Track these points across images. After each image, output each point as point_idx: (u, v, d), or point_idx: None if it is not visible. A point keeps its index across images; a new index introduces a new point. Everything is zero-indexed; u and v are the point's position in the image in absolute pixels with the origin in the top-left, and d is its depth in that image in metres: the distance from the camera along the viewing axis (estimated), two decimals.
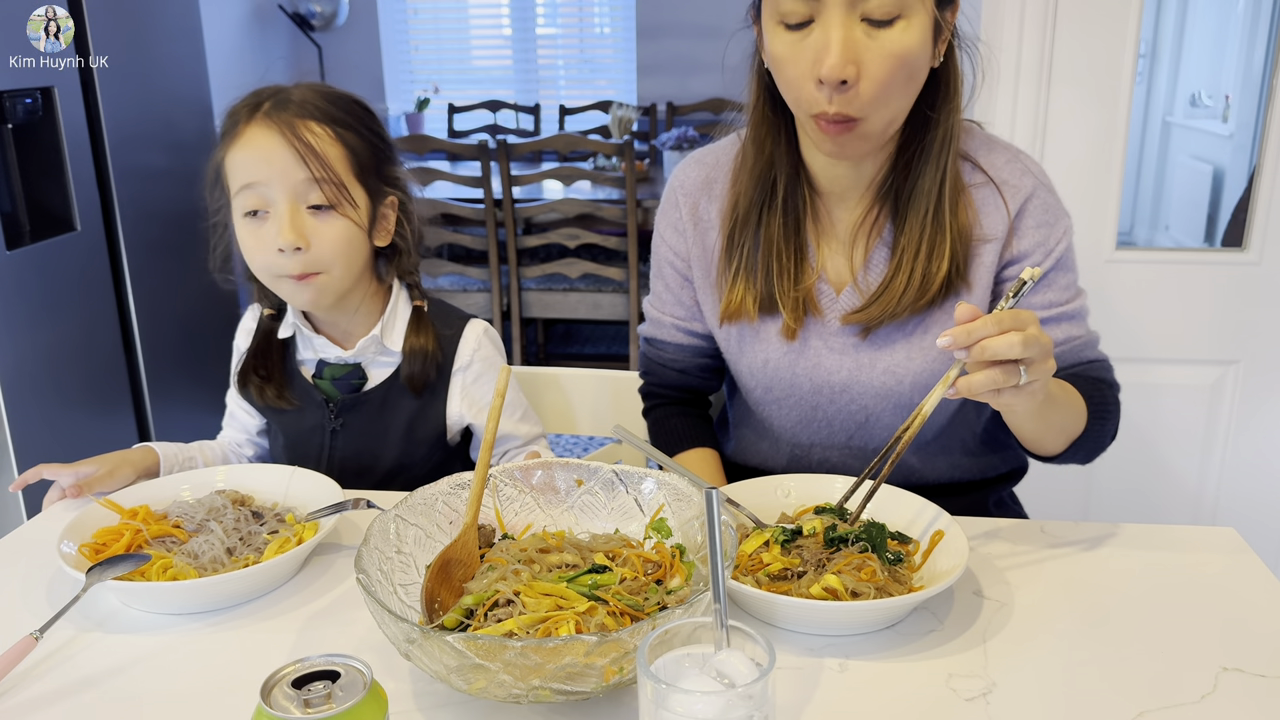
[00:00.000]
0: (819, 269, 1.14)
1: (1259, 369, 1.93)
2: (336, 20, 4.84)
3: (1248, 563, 0.98)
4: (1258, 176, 1.85)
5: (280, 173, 1.12)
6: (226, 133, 1.16)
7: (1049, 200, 1.12)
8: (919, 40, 0.96)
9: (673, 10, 4.75)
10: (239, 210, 1.15)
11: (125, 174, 2.50)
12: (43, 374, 2.29)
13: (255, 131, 1.13)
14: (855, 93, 0.96)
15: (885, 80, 0.96)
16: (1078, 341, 1.12)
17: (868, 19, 0.95)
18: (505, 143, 3.35)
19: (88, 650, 0.87)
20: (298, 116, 1.14)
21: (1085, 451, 1.09)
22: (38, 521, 1.12)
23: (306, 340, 1.26)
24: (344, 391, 1.24)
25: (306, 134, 1.13)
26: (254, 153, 1.12)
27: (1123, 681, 0.80)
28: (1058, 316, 1.11)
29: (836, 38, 0.94)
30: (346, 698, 0.61)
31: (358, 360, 1.24)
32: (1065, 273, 1.12)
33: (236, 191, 1.14)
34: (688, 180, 1.22)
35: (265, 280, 1.18)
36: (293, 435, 1.27)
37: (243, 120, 1.14)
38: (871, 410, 1.15)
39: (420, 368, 1.23)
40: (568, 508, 0.97)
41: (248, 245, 1.16)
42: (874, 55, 0.95)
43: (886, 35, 0.95)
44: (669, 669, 0.66)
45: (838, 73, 0.94)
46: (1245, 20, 2.14)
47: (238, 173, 1.13)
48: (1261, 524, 2.00)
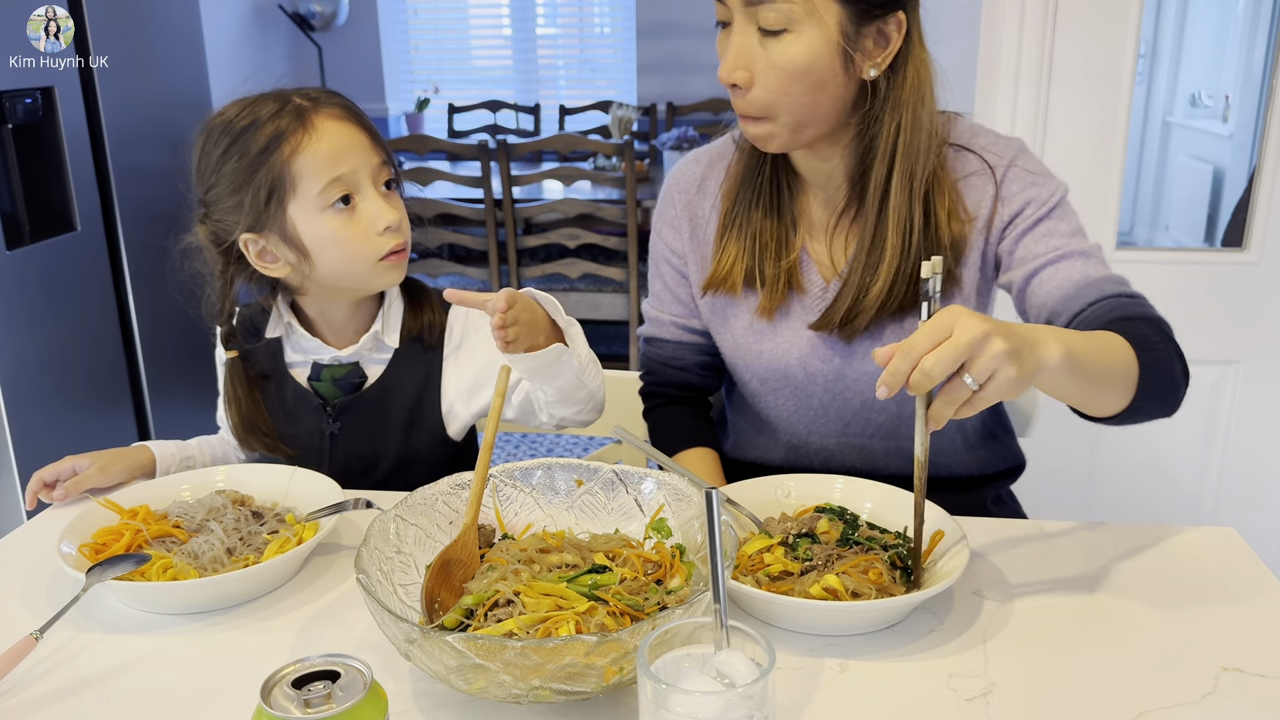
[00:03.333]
0: (798, 249, 1.16)
1: (1259, 369, 1.93)
2: (336, 20, 4.84)
3: (1248, 563, 0.98)
4: (1258, 176, 1.85)
5: (363, 158, 1.12)
6: (276, 141, 1.10)
7: (1032, 165, 1.12)
8: (808, 53, 1.00)
9: (673, 10, 4.75)
10: (323, 204, 1.11)
11: (125, 174, 2.50)
12: (43, 374, 2.29)
13: (325, 125, 1.11)
14: (750, 96, 1.03)
15: (774, 88, 1.02)
16: (1097, 277, 1.04)
17: (761, 28, 1.00)
18: (505, 143, 3.35)
19: (88, 650, 0.87)
20: (341, 104, 1.14)
21: (1155, 395, 0.95)
22: (38, 521, 1.12)
23: (296, 344, 1.23)
24: (345, 391, 1.23)
25: (363, 119, 1.15)
26: (334, 143, 1.10)
27: (1123, 681, 0.80)
28: (1066, 254, 1.06)
29: (732, 44, 1.02)
30: (346, 698, 0.61)
31: (356, 359, 1.22)
32: (1064, 220, 1.09)
33: (323, 188, 1.10)
34: (683, 178, 1.24)
35: (357, 270, 1.14)
36: (289, 440, 1.24)
37: (295, 122, 1.10)
38: (865, 396, 1.16)
39: (429, 326, 1.22)
40: (568, 508, 0.97)
41: (342, 237, 1.12)
42: (764, 64, 1.02)
43: (775, 45, 1.00)
44: (669, 669, 0.66)
45: (726, 76, 1.03)
46: (1245, 20, 2.14)
47: (319, 170, 1.10)
48: (1261, 524, 2.00)
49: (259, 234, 1.13)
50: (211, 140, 1.13)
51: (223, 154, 1.12)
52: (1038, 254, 1.07)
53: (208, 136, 1.14)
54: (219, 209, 1.15)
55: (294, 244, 1.13)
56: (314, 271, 1.15)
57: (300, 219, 1.12)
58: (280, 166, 1.10)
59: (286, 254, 1.14)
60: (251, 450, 1.24)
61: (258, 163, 1.10)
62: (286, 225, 1.12)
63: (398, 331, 1.23)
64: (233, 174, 1.12)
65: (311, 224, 1.12)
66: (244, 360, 1.23)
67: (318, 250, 1.13)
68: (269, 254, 1.15)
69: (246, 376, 1.23)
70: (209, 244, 1.19)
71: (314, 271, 1.15)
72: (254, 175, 1.10)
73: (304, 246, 1.13)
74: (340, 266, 1.14)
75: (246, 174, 1.11)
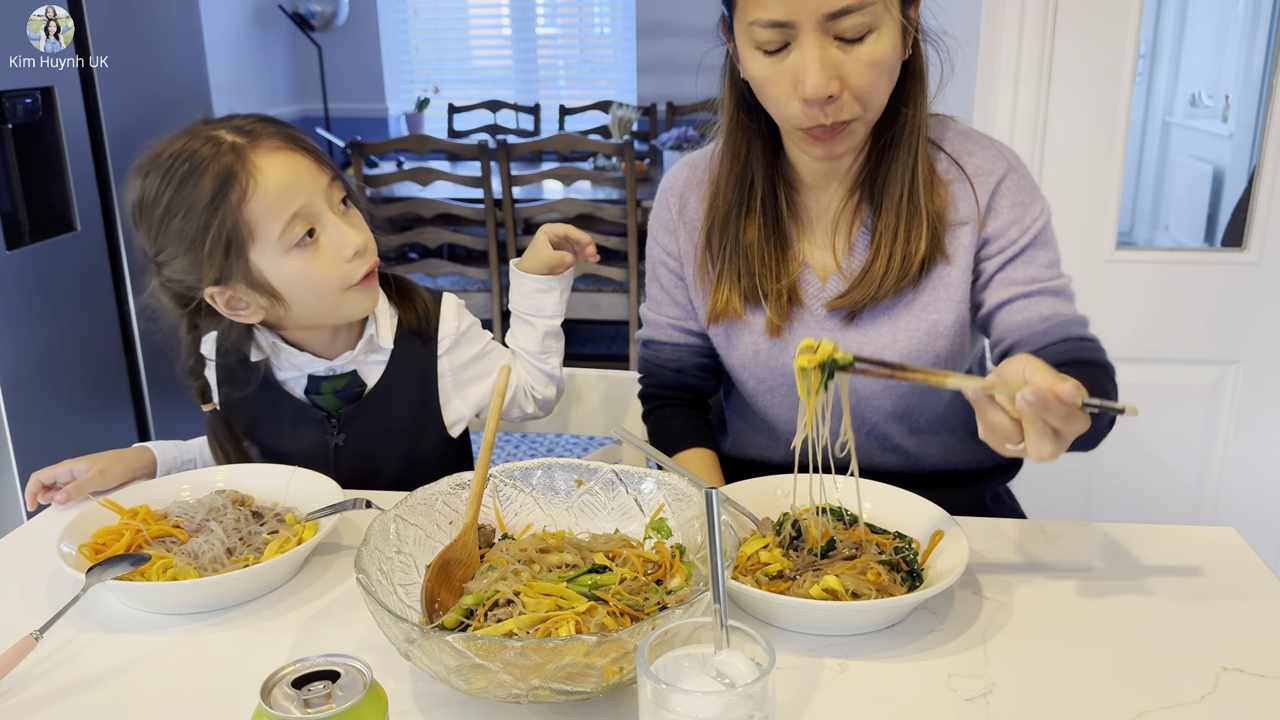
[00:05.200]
0: (801, 260, 1.17)
1: (1259, 369, 1.93)
2: (336, 20, 4.84)
3: (1248, 563, 0.98)
4: (1258, 176, 1.85)
5: (314, 184, 1.07)
6: (223, 191, 1.03)
7: (1022, 182, 1.14)
8: (891, 47, 1.01)
9: (673, 10, 4.75)
10: (287, 244, 1.06)
11: (125, 174, 2.49)
12: (43, 374, 2.29)
13: (267, 161, 1.05)
14: (842, 102, 1.01)
15: (867, 88, 1.01)
16: (1064, 317, 1.09)
17: (840, 37, 0.99)
18: (505, 143, 3.35)
19: (88, 650, 0.87)
20: (279, 134, 1.08)
21: (1084, 440, 1.02)
22: (38, 521, 1.12)
23: (285, 361, 1.18)
24: (346, 401, 1.20)
25: (304, 142, 1.10)
26: (282, 178, 1.05)
27: (1123, 681, 0.80)
28: (1040, 291, 1.10)
29: (814, 58, 0.98)
30: (346, 698, 0.61)
31: (354, 366, 1.20)
32: (1045, 250, 1.12)
33: (283, 229, 1.05)
34: (676, 182, 1.26)
35: (330, 301, 1.11)
36: (293, 459, 1.17)
37: (237, 164, 1.04)
38: (863, 393, 1.17)
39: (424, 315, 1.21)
40: (568, 508, 0.97)
41: (311, 273, 1.08)
42: (853, 68, 1.00)
43: (861, 49, 0.99)
44: (669, 669, 0.66)
45: (822, 91, 0.99)
46: (1245, 20, 2.13)
47: (274, 211, 1.05)
48: (1261, 524, 2.00)
49: (224, 286, 1.09)
50: (150, 195, 1.06)
51: (164, 211, 1.05)
52: (1014, 281, 1.10)
53: (144, 191, 1.07)
54: (174, 268, 1.09)
55: (263, 289, 1.09)
56: (289, 313, 1.12)
57: (265, 264, 1.07)
58: (233, 217, 1.04)
59: (257, 300, 1.10)
60: None
61: (208, 217, 1.04)
62: (251, 272, 1.07)
63: (391, 332, 1.20)
64: (180, 232, 1.05)
65: (278, 266, 1.07)
66: (225, 411, 1.20)
67: (289, 291, 1.09)
68: (238, 301, 1.11)
69: (230, 428, 1.20)
70: (172, 304, 1.15)
71: (289, 313, 1.12)
72: (206, 231, 1.04)
73: (274, 290, 1.09)
74: (315, 303, 1.11)
75: (198, 230, 1.05)
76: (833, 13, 0.96)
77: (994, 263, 1.12)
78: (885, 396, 1.16)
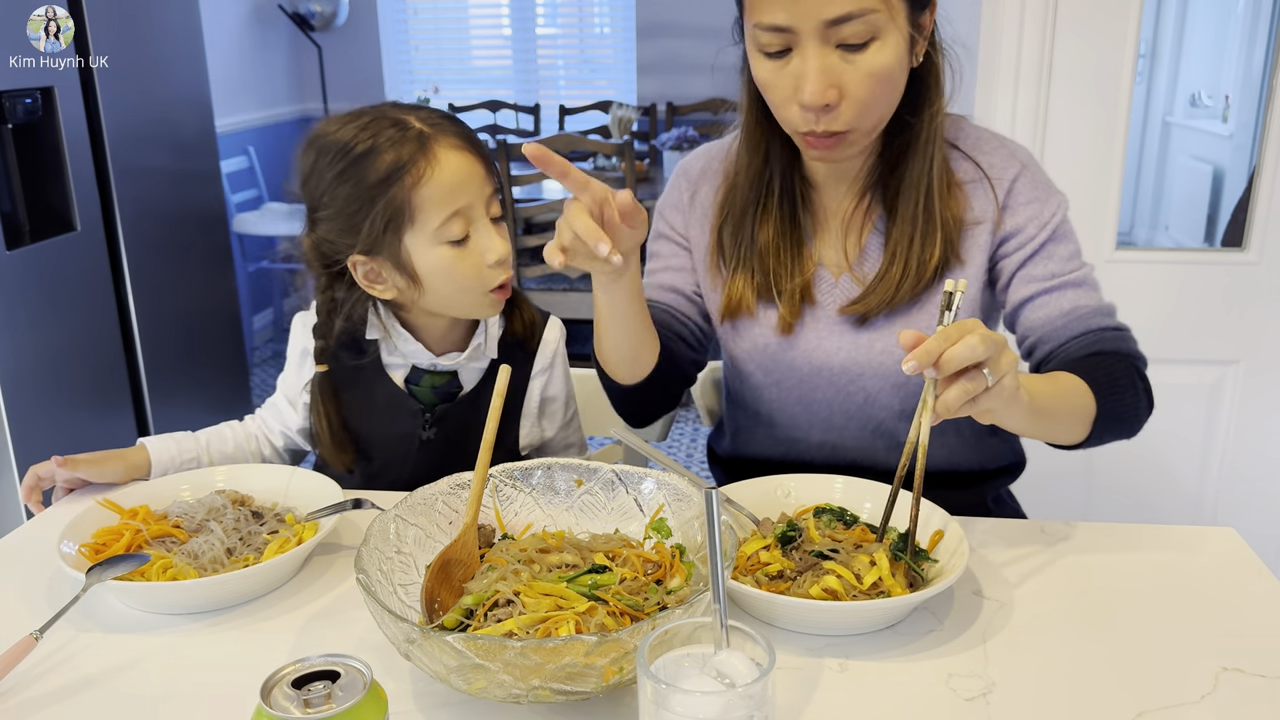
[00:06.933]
0: (816, 260, 1.17)
1: (1259, 369, 1.93)
2: (336, 20, 4.84)
3: (1248, 563, 0.98)
4: (1258, 176, 1.85)
5: (479, 190, 1.11)
6: (398, 172, 1.07)
7: (1038, 177, 1.14)
8: (894, 56, 1.00)
9: (673, 10, 4.75)
10: (441, 237, 1.09)
11: (125, 174, 2.50)
12: (43, 374, 2.29)
13: (446, 156, 1.09)
14: (838, 112, 1.01)
15: (866, 98, 1.00)
16: (1085, 309, 1.10)
17: (842, 45, 0.98)
18: (505, 143, 3.34)
19: (88, 650, 0.87)
20: (461, 134, 1.12)
21: (1112, 430, 1.05)
22: (38, 521, 1.12)
23: (395, 345, 1.21)
24: (441, 399, 1.22)
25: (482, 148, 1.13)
26: (455, 175, 1.09)
27: (1123, 681, 0.80)
28: (1060, 285, 1.11)
29: (814, 66, 0.98)
30: (346, 698, 0.61)
31: (455, 368, 1.22)
32: (1064, 243, 1.13)
33: (443, 222, 1.09)
34: (693, 168, 1.26)
35: (465, 300, 1.15)
36: (375, 443, 1.22)
37: (418, 151, 1.08)
38: (870, 391, 1.16)
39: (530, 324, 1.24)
40: (568, 508, 0.97)
41: (455, 269, 1.11)
42: (853, 77, 0.99)
43: (862, 58, 0.98)
44: (669, 669, 0.66)
45: (819, 99, 0.99)
46: (1245, 20, 2.13)
47: (440, 203, 1.08)
48: (1261, 524, 2.00)
49: (370, 257, 1.12)
50: (325, 160, 1.10)
51: (338, 176, 1.09)
52: (1035, 278, 1.11)
53: (319, 153, 1.11)
54: (328, 227, 1.13)
55: (406, 271, 1.12)
56: (422, 297, 1.14)
57: (415, 248, 1.11)
58: (402, 198, 1.08)
59: (397, 279, 1.13)
60: (331, 465, 1.23)
61: (377, 191, 1.08)
62: (400, 252, 1.11)
63: (496, 342, 1.23)
64: (347, 198, 1.10)
65: (426, 254, 1.11)
66: (333, 374, 1.22)
67: (429, 278, 1.12)
68: (377, 275, 1.14)
69: (335, 390, 1.22)
70: (313, 258, 1.17)
71: (422, 297, 1.14)
72: (372, 203, 1.08)
73: (416, 274, 1.12)
74: (449, 295, 1.14)
75: (364, 201, 1.09)
76: (833, 19, 0.96)
77: (1013, 260, 1.12)
78: (894, 395, 1.16)
